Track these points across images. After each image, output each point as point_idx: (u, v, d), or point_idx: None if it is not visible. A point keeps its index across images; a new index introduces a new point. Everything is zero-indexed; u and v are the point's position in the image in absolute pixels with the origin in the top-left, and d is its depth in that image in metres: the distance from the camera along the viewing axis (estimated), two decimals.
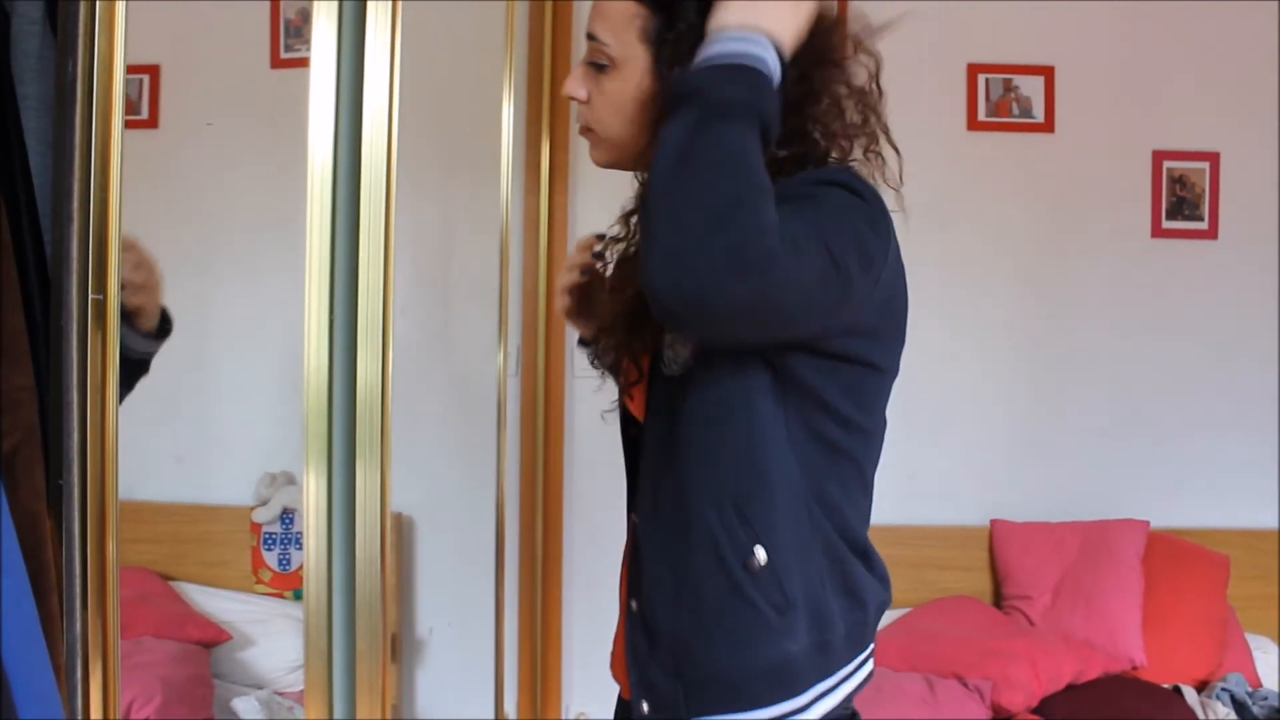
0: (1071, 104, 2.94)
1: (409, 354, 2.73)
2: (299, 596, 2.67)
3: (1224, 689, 2.50)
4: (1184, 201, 2.94)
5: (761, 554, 1.06)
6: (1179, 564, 2.72)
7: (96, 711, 1.09)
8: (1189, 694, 2.48)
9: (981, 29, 2.93)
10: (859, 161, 1.13)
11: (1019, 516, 2.88)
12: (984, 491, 2.95)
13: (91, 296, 1.07)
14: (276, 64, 2.91)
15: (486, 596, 2.48)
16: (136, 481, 2.64)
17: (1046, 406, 2.97)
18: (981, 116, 2.94)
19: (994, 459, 2.97)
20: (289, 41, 2.91)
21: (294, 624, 2.60)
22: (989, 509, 2.92)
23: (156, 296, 1.40)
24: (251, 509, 2.76)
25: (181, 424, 2.81)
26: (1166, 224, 2.95)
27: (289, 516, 2.73)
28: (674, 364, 1.10)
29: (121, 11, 1.08)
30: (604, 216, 1.27)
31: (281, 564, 2.74)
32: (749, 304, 0.91)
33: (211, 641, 2.52)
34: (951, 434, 2.93)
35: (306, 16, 2.78)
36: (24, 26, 1.11)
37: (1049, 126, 2.94)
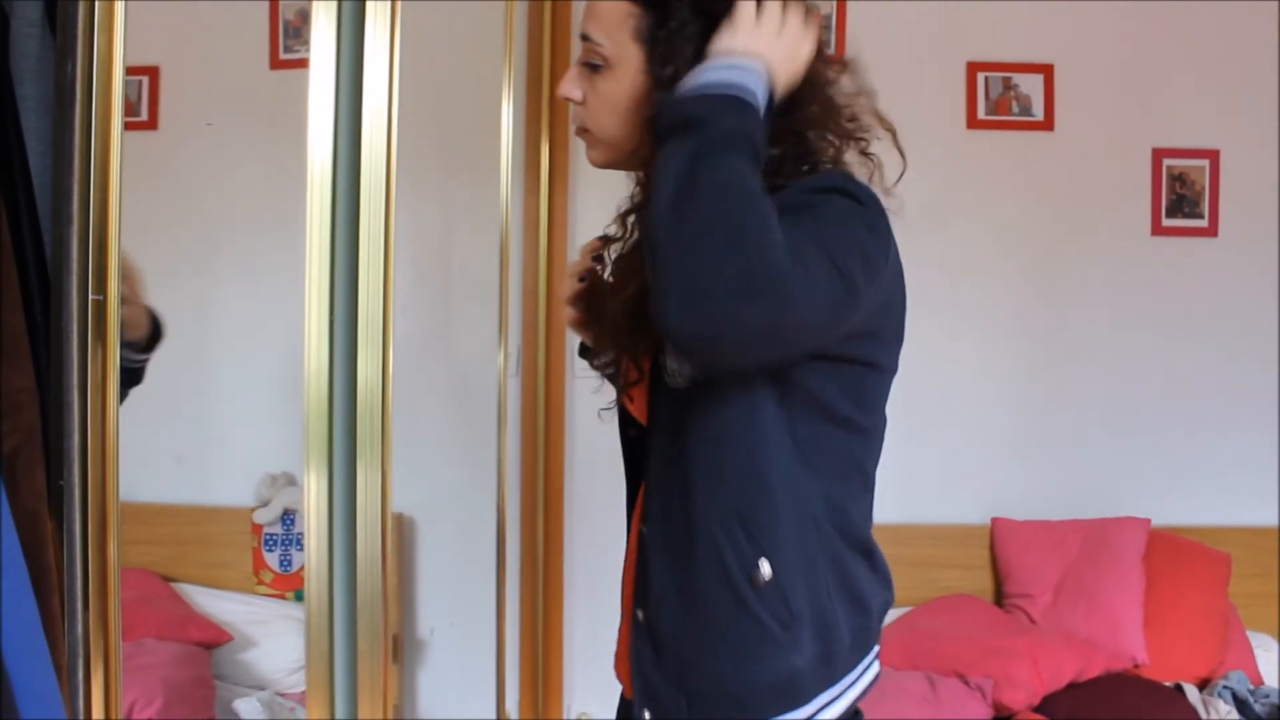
0: (1071, 102, 2.94)
1: (409, 354, 2.73)
2: (300, 597, 2.67)
3: (1225, 687, 2.50)
4: (1184, 199, 2.94)
5: (766, 568, 1.06)
6: (1180, 562, 2.72)
7: (98, 712, 1.09)
8: (1191, 692, 2.48)
9: (981, 27, 2.93)
10: (856, 162, 1.12)
11: (1020, 515, 2.88)
12: (985, 490, 2.95)
13: (92, 297, 1.07)
14: (276, 65, 2.91)
15: (487, 597, 2.48)
16: (137, 483, 2.64)
17: (1047, 404, 2.97)
18: (981, 115, 2.94)
19: (995, 457, 2.96)
20: (288, 42, 2.91)
21: (295, 625, 2.60)
22: (990, 507, 2.92)
23: (141, 306, 1.39)
24: (252, 510, 2.76)
25: (182, 424, 2.81)
26: (1166, 222, 2.94)
27: (290, 517, 2.73)
28: (678, 376, 1.09)
29: (120, 12, 1.08)
30: (604, 216, 1.27)
31: (282, 565, 2.74)
32: (766, 327, 0.91)
33: (213, 643, 2.52)
34: (952, 432, 2.93)
35: (305, 17, 2.77)
36: (23, 28, 1.10)
37: (1049, 125, 2.94)
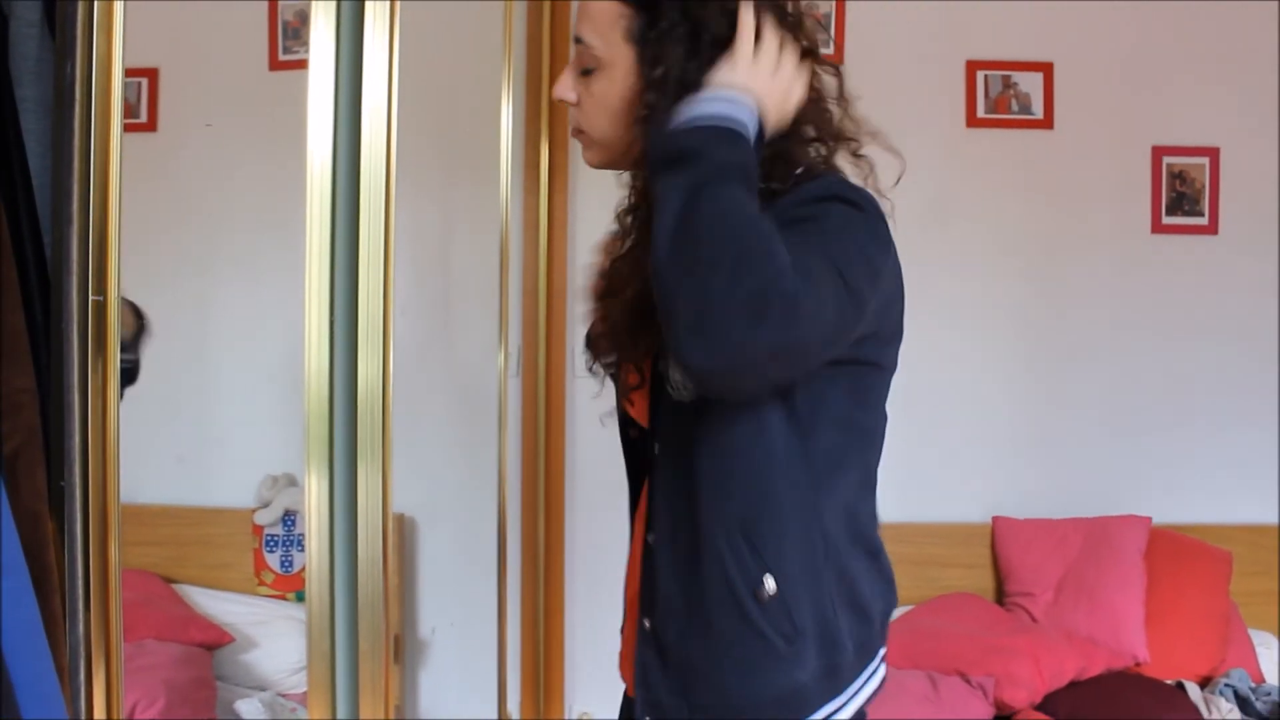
0: (1071, 100, 2.93)
1: (410, 354, 2.73)
2: (301, 598, 2.67)
3: (1227, 685, 2.50)
4: (1184, 197, 2.94)
5: (771, 584, 1.06)
6: (1181, 560, 2.72)
7: (100, 713, 1.09)
8: (1192, 690, 2.48)
9: (980, 26, 2.93)
10: (849, 164, 1.13)
11: (1021, 513, 2.88)
12: (986, 488, 2.95)
13: (92, 298, 1.07)
14: (275, 66, 2.91)
15: (489, 596, 2.47)
16: (138, 485, 2.64)
17: (1047, 403, 2.96)
18: (980, 113, 2.94)
19: (995, 456, 2.96)
20: (287, 43, 2.91)
21: (296, 625, 2.60)
22: (991, 506, 2.92)
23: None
24: (253, 511, 2.76)
25: (182, 425, 2.81)
26: (1166, 219, 2.94)
27: (291, 518, 2.73)
28: (683, 389, 1.09)
29: (120, 13, 1.08)
30: (604, 215, 1.27)
31: (284, 566, 2.73)
32: (781, 347, 0.91)
33: (214, 644, 2.52)
34: (953, 431, 2.93)
35: (304, 18, 2.77)
36: (22, 29, 1.11)
37: (1048, 123, 2.94)
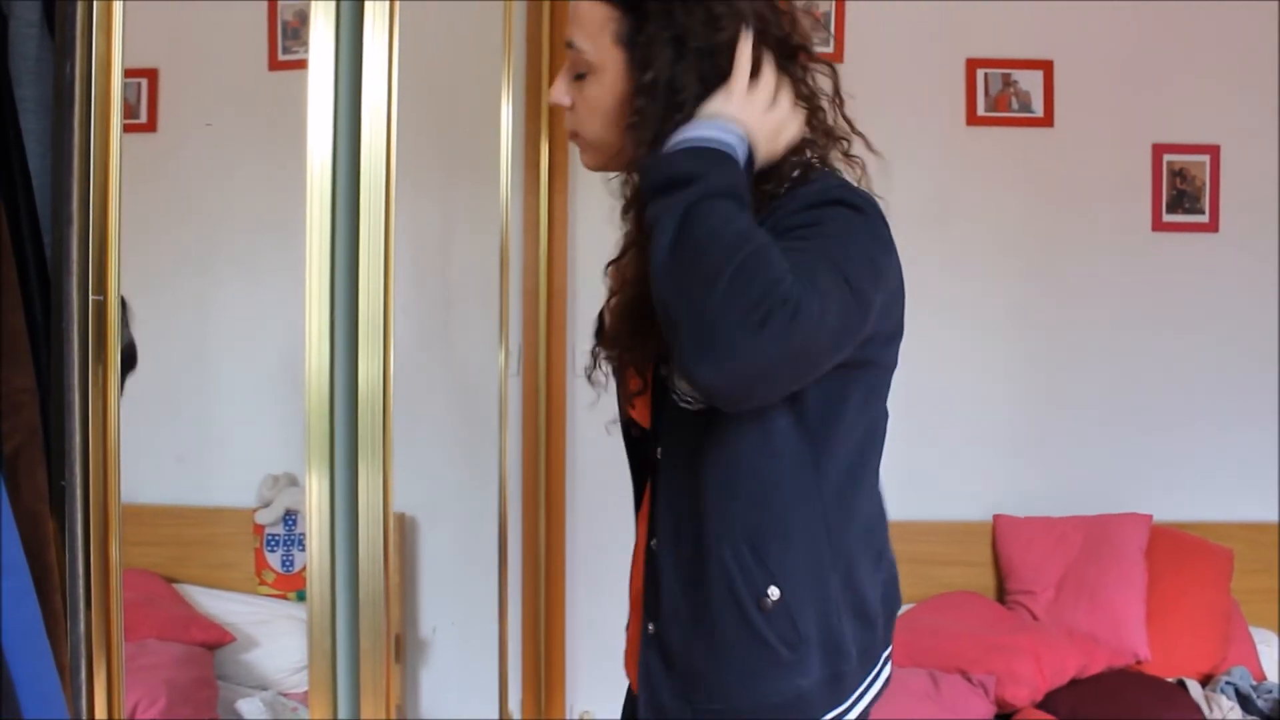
0: (1071, 98, 2.93)
1: (410, 354, 2.73)
2: (302, 597, 2.67)
3: (1228, 682, 2.50)
4: (1184, 195, 2.94)
5: (775, 592, 1.07)
6: (1182, 558, 2.72)
7: (101, 713, 1.09)
8: (1193, 688, 2.48)
9: (980, 24, 2.93)
10: (841, 165, 1.13)
11: (1022, 511, 2.88)
12: (986, 487, 2.95)
13: (92, 297, 1.07)
14: (275, 66, 2.91)
15: (490, 596, 2.48)
16: (139, 485, 2.64)
17: (1048, 401, 2.96)
18: (981, 111, 2.94)
19: (996, 454, 2.96)
20: (287, 43, 2.91)
21: (297, 625, 2.60)
22: (991, 504, 2.92)
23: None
24: (254, 511, 2.76)
25: (183, 425, 2.81)
26: (1167, 217, 2.94)
27: (292, 518, 2.73)
28: (689, 396, 1.09)
29: (119, 13, 1.08)
30: (604, 214, 1.27)
31: (284, 565, 2.74)
32: (787, 354, 0.91)
33: (215, 643, 2.52)
34: (953, 429, 2.93)
35: (304, 18, 2.78)
36: (22, 29, 1.11)
37: (1048, 121, 2.94)
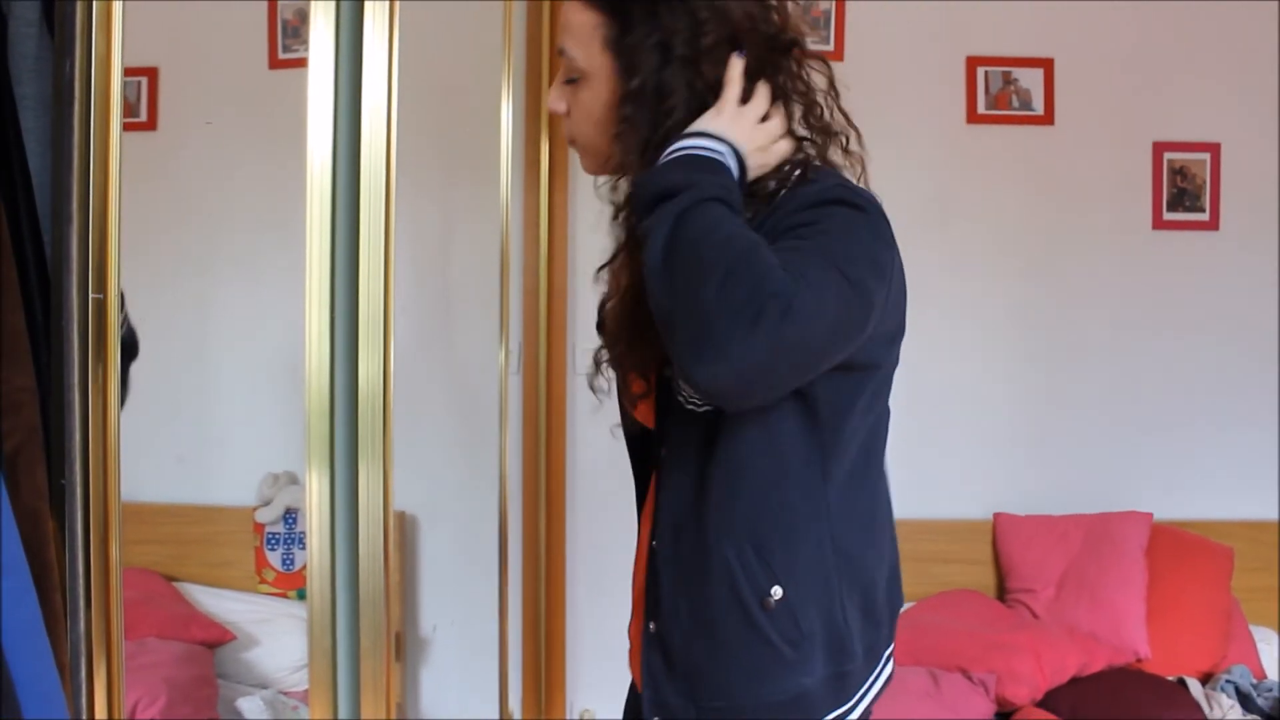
0: (1071, 96, 2.93)
1: (410, 352, 2.73)
2: (303, 596, 2.67)
3: (1228, 681, 2.50)
4: (1185, 193, 2.94)
5: (778, 592, 1.07)
6: (1182, 556, 2.72)
7: (101, 711, 1.09)
8: (1194, 686, 2.48)
9: (980, 22, 2.93)
10: (840, 161, 1.14)
11: (1022, 510, 2.88)
12: (987, 485, 2.95)
13: (92, 296, 1.07)
14: (275, 65, 2.91)
15: (490, 594, 2.48)
16: (139, 483, 2.63)
17: (1048, 399, 2.96)
18: (981, 109, 2.93)
19: (997, 452, 2.96)
20: (287, 42, 2.91)
21: (298, 623, 2.60)
22: (992, 502, 2.92)
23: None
24: (254, 509, 2.76)
25: (183, 424, 2.81)
26: (1168, 215, 2.94)
27: (292, 516, 2.73)
28: (695, 398, 1.09)
29: (119, 12, 1.08)
30: (604, 213, 1.27)
31: (285, 564, 2.74)
32: (782, 348, 0.92)
33: (215, 642, 2.52)
34: (954, 428, 2.93)
35: (304, 17, 2.78)
36: (21, 27, 1.10)
37: (1049, 119, 2.94)
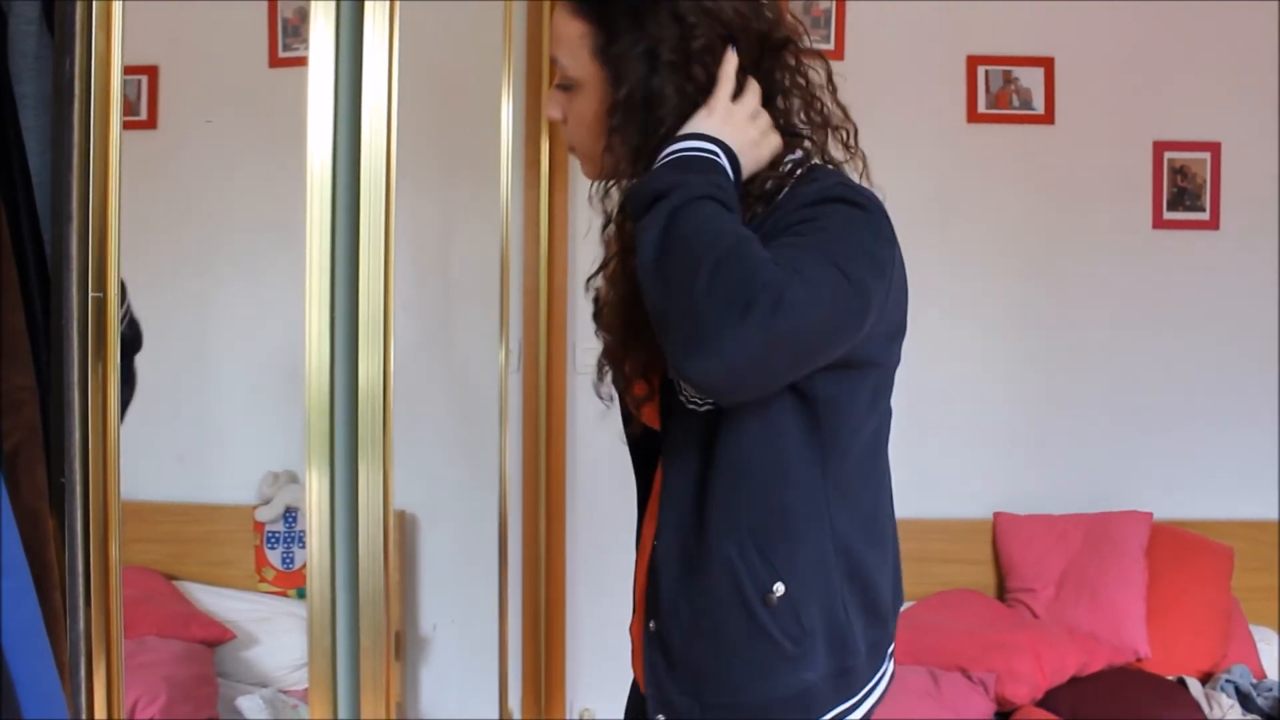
0: (1072, 95, 2.93)
1: (410, 352, 2.73)
2: (302, 595, 2.67)
3: (1228, 680, 2.50)
4: (1185, 192, 2.93)
5: (780, 589, 1.07)
6: (1182, 556, 2.72)
7: (101, 711, 1.09)
8: (1193, 686, 2.48)
9: (981, 21, 2.92)
10: (841, 157, 1.14)
11: (1022, 509, 2.88)
12: (987, 484, 2.95)
13: (92, 295, 1.07)
14: (275, 63, 2.91)
15: (490, 593, 2.48)
16: (139, 482, 2.63)
17: (1049, 399, 2.96)
18: (981, 109, 2.93)
19: (996, 452, 2.96)
20: (287, 41, 2.91)
21: (298, 622, 2.60)
22: (992, 502, 2.92)
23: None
24: (254, 508, 2.76)
25: (183, 424, 2.81)
26: (1168, 215, 2.94)
27: (292, 515, 2.73)
28: (696, 398, 1.09)
29: (118, 10, 1.08)
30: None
31: (285, 562, 2.74)
32: (773, 340, 0.92)
33: (215, 640, 2.52)
34: (954, 427, 2.93)
35: (304, 16, 2.77)
36: (21, 26, 1.11)
37: (1049, 118, 2.93)
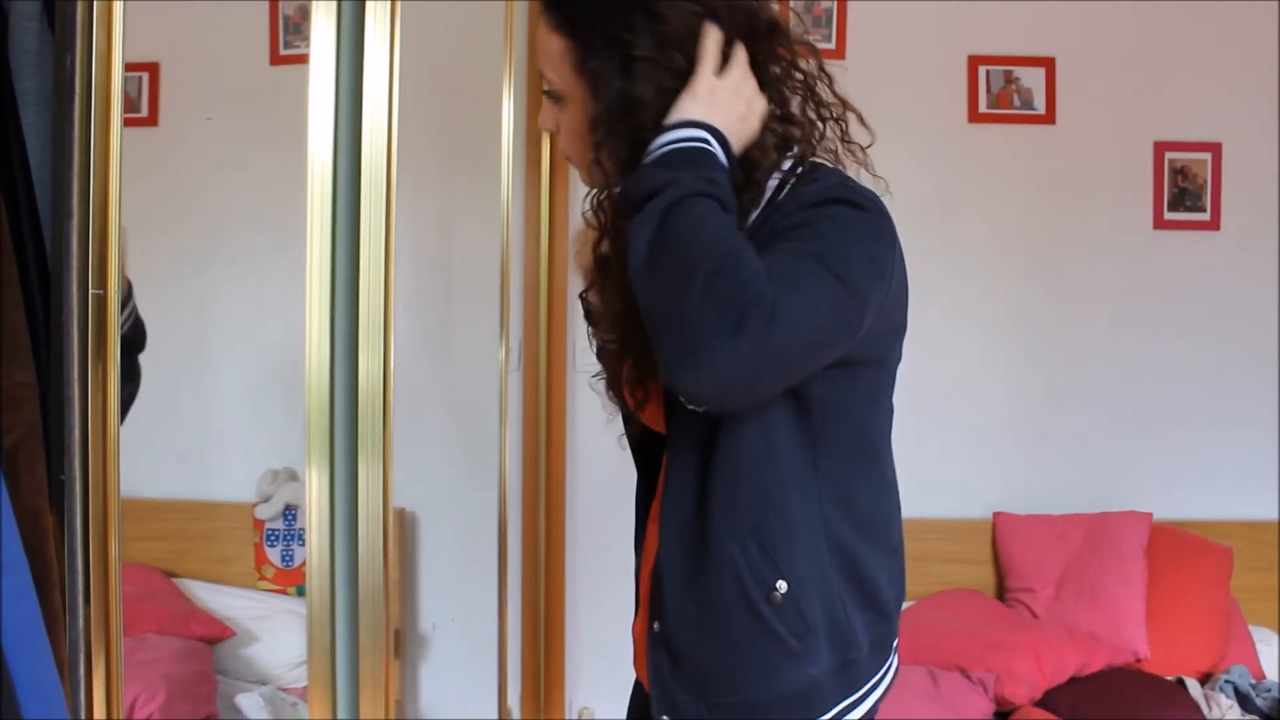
0: (1072, 95, 2.93)
1: (411, 350, 2.73)
2: (302, 592, 2.67)
3: (1227, 681, 2.50)
4: (1186, 192, 2.93)
5: (783, 586, 1.08)
6: (1182, 556, 2.72)
7: (100, 709, 1.09)
8: (1193, 686, 2.48)
9: (982, 21, 2.92)
10: (841, 152, 1.14)
11: (1022, 509, 2.88)
12: (987, 484, 2.95)
13: (92, 292, 1.07)
14: (276, 61, 2.91)
15: (489, 592, 2.48)
16: (139, 479, 2.63)
17: (1049, 399, 2.96)
18: (982, 108, 2.93)
19: (997, 452, 2.96)
20: (288, 38, 2.91)
21: (297, 620, 2.60)
22: (992, 502, 2.92)
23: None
24: (254, 505, 2.76)
25: (183, 422, 2.81)
26: (1168, 215, 2.94)
27: (292, 513, 2.73)
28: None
29: (119, 7, 1.08)
30: None
31: (284, 560, 2.74)
32: (766, 353, 0.93)
33: (215, 638, 2.52)
34: (954, 427, 2.93)
35: (305, 13, 2.77)
36: (22, 23, 1.11)
37: (1050, 118, 2.93)
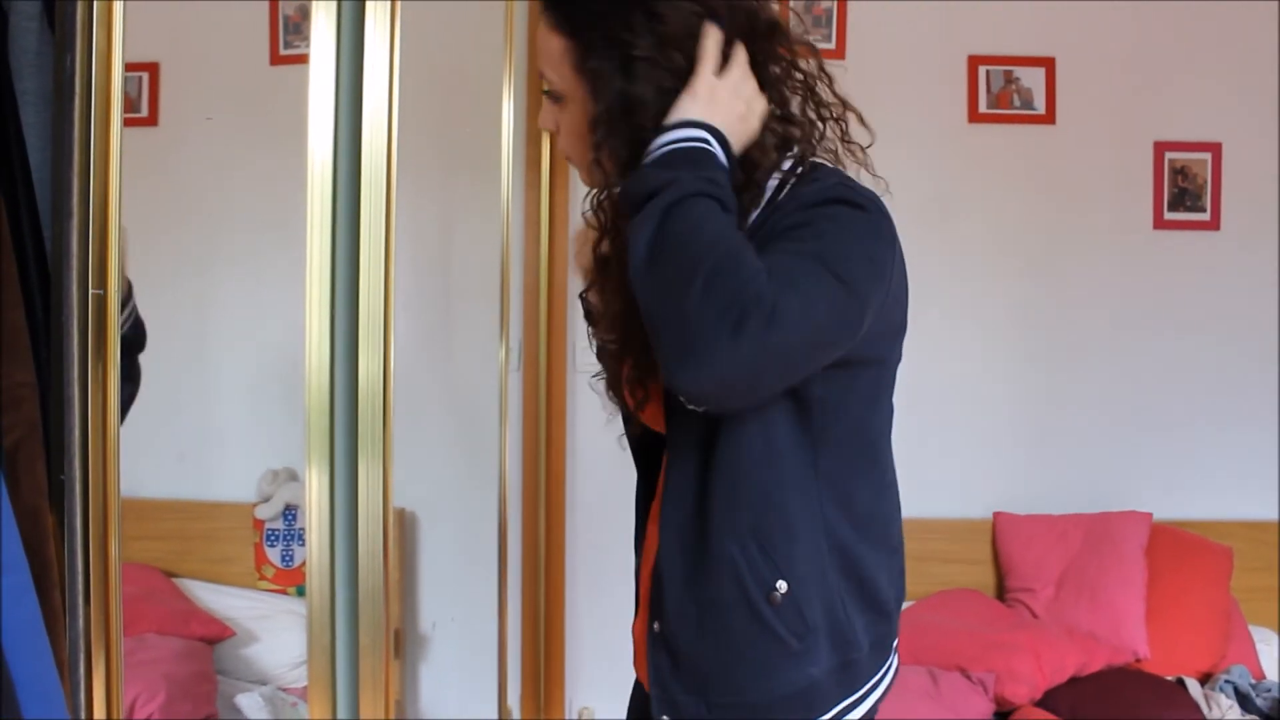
0: (1072, 95, 2.93)
1: (411, 350, 2.73)
2: (302, 592, 2.67)
3: (1227, 681, 2.50)
4: (1186, 192, 2.93)
5: (784, 586, 1.08)
6: (1182, 556, 2.72)
7: (100, 709, 1.09)
8: (1193, 686, 2.48)
9: (982, 21, 2.92)
10: (841, 152, 1.14)
11: (1022, 509, 2.88)
12: (987, 484, 2.95)
13: (92, 292, 1.07)
14: (276, 61, 2.91)
15: (489, 591, 2.48)
16: (139, 479, 2.63)
17: (1049, 399, 2.96)
18: (982, 108, 2.93)
19: (997, 452, 2.96)
20: (288, 38, 2.91)
21: (297, 620, 2.60)
22: (992, 502, 2.92)
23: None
24: (254, 505, 2.76)
25: (183, 422, 2.81)
26: (1168, 215, 2.94)
27: (292, 513, 2.73)
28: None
29: (119, 7, 1.08)
30: None
31: (284, 560, 2.74)
32: (766, 354, 0.93)
33: (215, 638, 2.52)
34: (954, 427, 2.93)
35: (305, 13, 2.77)
36: (22, 23, 1.11)
37: (1050, 118, 2.93)
